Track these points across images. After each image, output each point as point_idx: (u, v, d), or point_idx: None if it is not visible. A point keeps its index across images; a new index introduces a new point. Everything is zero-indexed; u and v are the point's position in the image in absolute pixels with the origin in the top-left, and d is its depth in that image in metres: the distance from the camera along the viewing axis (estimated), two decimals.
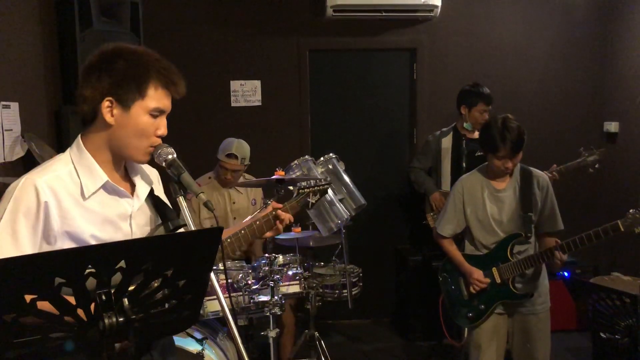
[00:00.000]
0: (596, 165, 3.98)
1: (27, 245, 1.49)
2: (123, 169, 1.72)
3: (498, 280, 2.92)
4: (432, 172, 4.40)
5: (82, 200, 1.57)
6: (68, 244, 1.53)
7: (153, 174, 1.83)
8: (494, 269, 2.93)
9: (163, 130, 1.64)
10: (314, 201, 2.43)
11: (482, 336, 2.98)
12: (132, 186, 1.73)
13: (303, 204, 2.37)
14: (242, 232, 2.15)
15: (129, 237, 1.65)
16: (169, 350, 1.79)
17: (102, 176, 1.61)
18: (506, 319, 2.99)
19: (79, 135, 1.66)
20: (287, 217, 2.19)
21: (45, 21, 3.53)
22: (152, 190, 1.77)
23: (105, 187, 1.62)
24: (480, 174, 3.02)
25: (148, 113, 1.60)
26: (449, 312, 3.12)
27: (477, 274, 2.95)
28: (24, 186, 1.51)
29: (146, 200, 1.74)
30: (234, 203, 3.90)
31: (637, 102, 4.44)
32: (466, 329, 3.16)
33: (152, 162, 1.72)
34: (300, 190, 2.39)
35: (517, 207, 2.92)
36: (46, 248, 1.52)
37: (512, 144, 2.77)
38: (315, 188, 2.43)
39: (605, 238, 2.64)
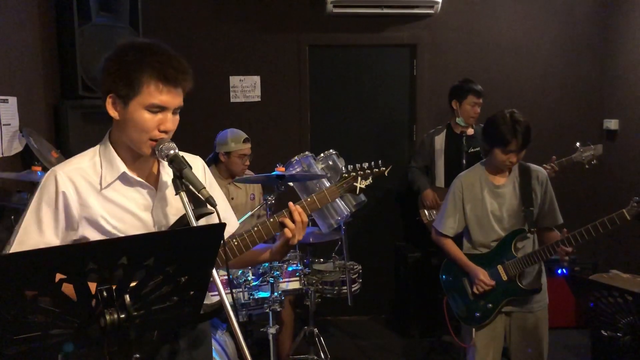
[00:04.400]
0: (593, 162, 3.91)
1: (49, 230, 1.60)
2: (153, 161, 1.73)
3: (504, 278, 2.89)
4: (428, 171, 4.41)
5: (100, 190, 1.64)
6: (89, 230, 1.63)
7: (196, 163, 1.83)
8: (500, 267, 2.90)
9: (167, 125, 1.63)
10: (362, 186, 2.06)
11: (479, 334, 2.96)
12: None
13: (348, 189, 2.05)
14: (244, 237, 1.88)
15: (149, 227, 1.69)
16: (198, 340, 1.80)
17: (120, 167, 1.67)
18: (503, 317, 2.96)
19: (109, 130, 1.72)
20: (297, 216, 1.88)
21: (44, 15, 3.51)
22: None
23: (124, 178, 1.67)
24: (479, 170, 3.00)
25: (145, 109, 1.59)
26: (455, 313, 3.06)
27: (483, 274, 2.91)
28: (48, 177, 1.63)
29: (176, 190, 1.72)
30: (232, 199, 3.88)
31: None
32: (463, 328, 3.14)
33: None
34: (344, 175, 2.05)
35: (517, 202, 2.90)
36: (72, 234, 1.63)
37: (523, 135, 2.75)
38: (367, 171, 2.07)
39: (611, 228, 2.61)
